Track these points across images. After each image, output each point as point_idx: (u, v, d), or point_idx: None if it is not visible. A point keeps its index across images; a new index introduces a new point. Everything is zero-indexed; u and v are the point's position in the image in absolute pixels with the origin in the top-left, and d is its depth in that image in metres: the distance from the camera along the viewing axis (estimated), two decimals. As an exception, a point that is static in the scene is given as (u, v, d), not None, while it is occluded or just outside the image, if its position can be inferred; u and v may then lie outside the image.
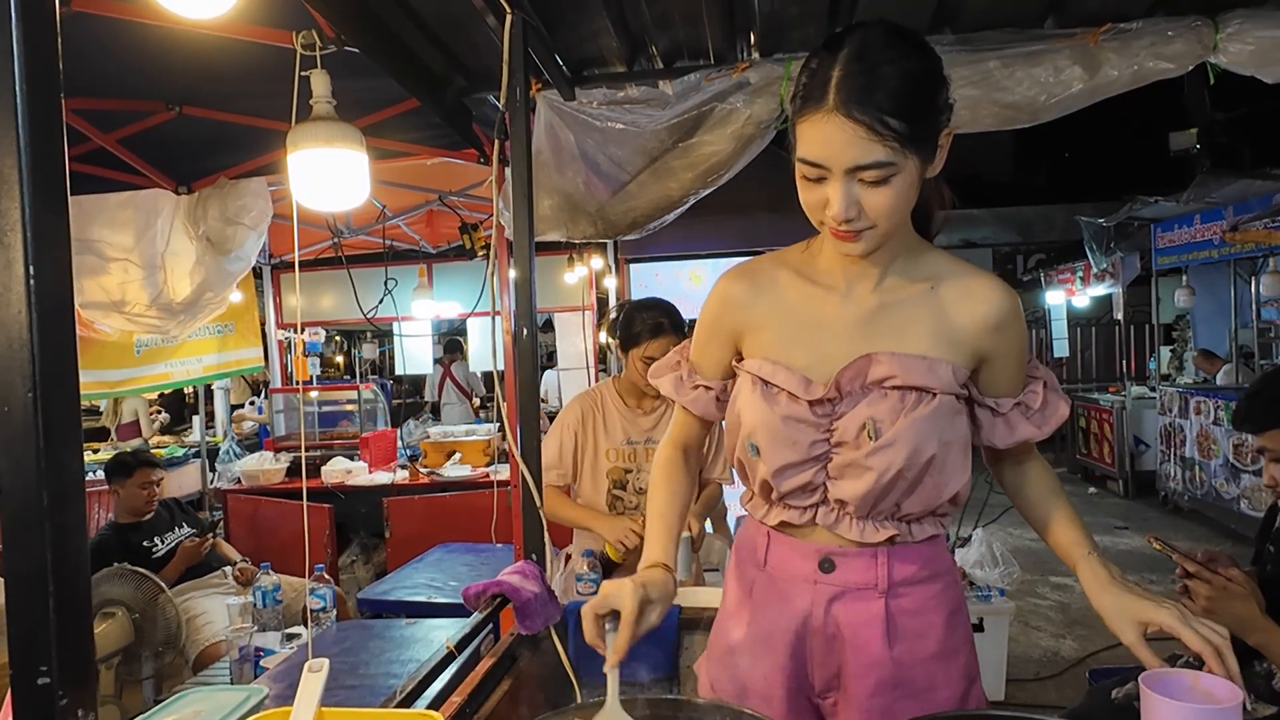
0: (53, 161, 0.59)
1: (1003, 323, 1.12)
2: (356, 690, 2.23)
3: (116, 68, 2.30)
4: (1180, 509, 6.79)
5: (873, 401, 1.08)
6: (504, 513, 2.55)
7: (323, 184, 1.85)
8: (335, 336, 12.58)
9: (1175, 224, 7.18)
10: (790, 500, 1.15)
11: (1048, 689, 3.64)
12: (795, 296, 1.16)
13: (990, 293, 1.12)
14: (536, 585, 1.67)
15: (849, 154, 0.94)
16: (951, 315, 1.11)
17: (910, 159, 0.96)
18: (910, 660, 1.14)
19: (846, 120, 0.93)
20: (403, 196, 4.81)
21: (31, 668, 0.58)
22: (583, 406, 2.49)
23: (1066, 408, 1.17)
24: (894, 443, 1.06)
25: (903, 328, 1.10)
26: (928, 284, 1.12)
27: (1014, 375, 1.16)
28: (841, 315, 1.12)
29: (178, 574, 3.45)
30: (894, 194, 0.97)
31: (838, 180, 0.97)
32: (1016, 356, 1.15)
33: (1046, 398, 1.15)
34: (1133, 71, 1.94)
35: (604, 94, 2.31)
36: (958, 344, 1.10)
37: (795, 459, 1.11)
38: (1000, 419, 1.15)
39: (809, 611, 1.16)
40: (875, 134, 0.93)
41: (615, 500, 2.43)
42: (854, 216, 0.98)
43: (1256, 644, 1.54)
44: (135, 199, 3.24)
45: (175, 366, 4.84)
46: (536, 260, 1.95)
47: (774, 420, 1.11)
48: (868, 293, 1.12)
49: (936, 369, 1.08)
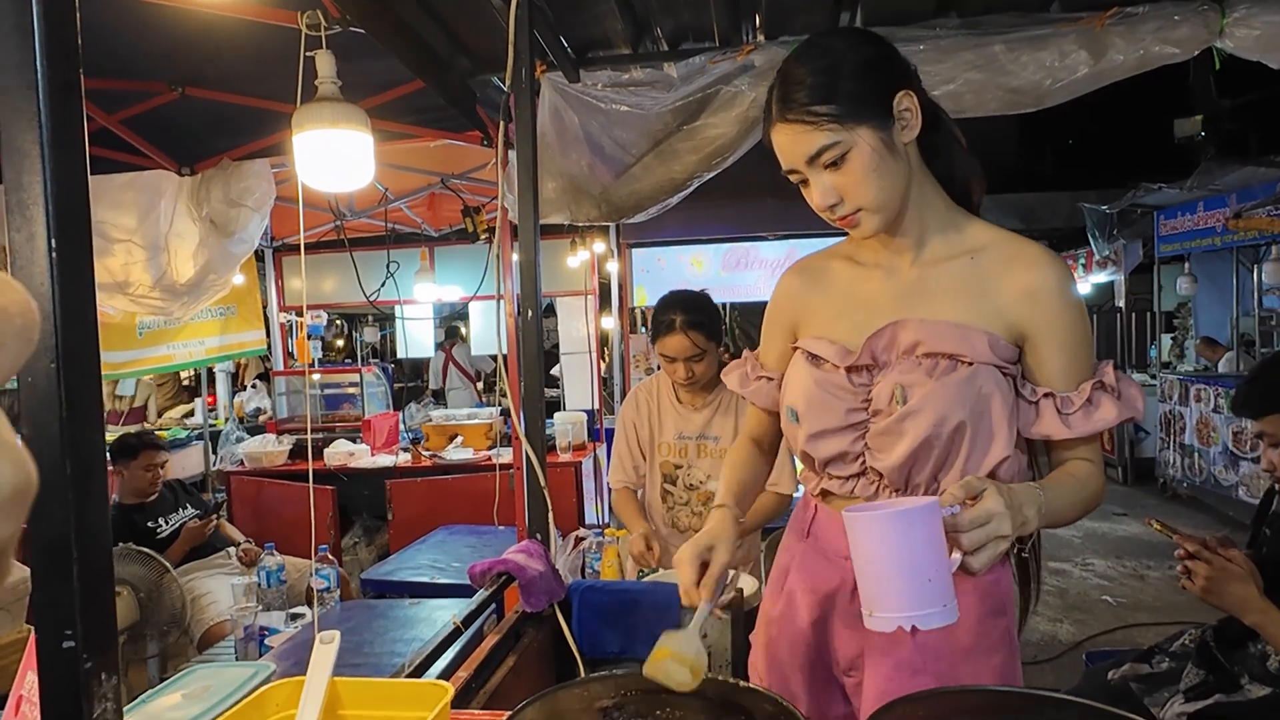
0: (73, 136, 0.60)
1: (1040, 291, 1.07)
2: (361, 668, 2.25)
3: (120, 48, 2.30)
4: (1179, 496, 6.82)
5: (906, 369, 1.09)
6: (506, 495, 2.56)
7: (328, 165, 1.85)
8: (336, 320, 12.57)
9: (1178, 211, 7.16)
10: (832, 470, 1.17)
11: (1045, 672, 3.67)
12: (844, 280, 1.21)
13: (1033, 259, 1.09)
14: (541, 564, 1.69)
15: (798, 150, 1.06)
16: (993, 284, 1.09)
17: (856, 131, 1.03)
18: (938, 650, 1.12)
19: (785, 125, 1.06)
20: (405, 179, 4.80)
21: (57, 632, 0.60)
22: (638, 399, 2.47)
23: (1115, 414, 1.06)
24: (921, 409, 1.06)
25: (939, 297, 1.11)
26: (968, 255, 1.12)
27: (1059, 363, 1.08)
28: (885, 290, 1.16)
29: (182, 554, 3.48)
30: (859, 168, 1.04)
31: (810, 176, 1.08)
32: (1061, 339, 1.08)
33: (1093, 397, 1.07)
34: (1138, 56, 1.93)
35: (608, 76, 2.31)
36: (997, 314, 1.08)
37: (831, 425, 1.13)
38: (1030, 407, 1.09)
39: (838, 588, 1.18)
40: (807, 124, 1.04)
41: (666, 494, 2.42)
42: (835, 202, 1.07)
43: (1254, 624, 1.56)
44: (138, 180, 3.23)
45: (178, 348, 4.84)
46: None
47: (810, 385, 1.15)
48: (908, 266, 1.15)
49: (970, 337, 1.07)
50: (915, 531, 0.86)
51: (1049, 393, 1.08)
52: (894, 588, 0.87)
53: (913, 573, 0.86)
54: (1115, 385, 1.08)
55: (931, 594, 0.86)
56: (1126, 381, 1.09)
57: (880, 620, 0.88)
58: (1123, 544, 5.59)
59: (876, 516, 0.88)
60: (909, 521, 0.86)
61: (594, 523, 4.71)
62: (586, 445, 5.02)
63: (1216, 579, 1.56)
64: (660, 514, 2.42)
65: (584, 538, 2.54)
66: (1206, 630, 1.80)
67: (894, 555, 0.87)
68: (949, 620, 0.87)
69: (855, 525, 0.89)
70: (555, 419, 5.06)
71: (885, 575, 0.87)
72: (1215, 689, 1.69)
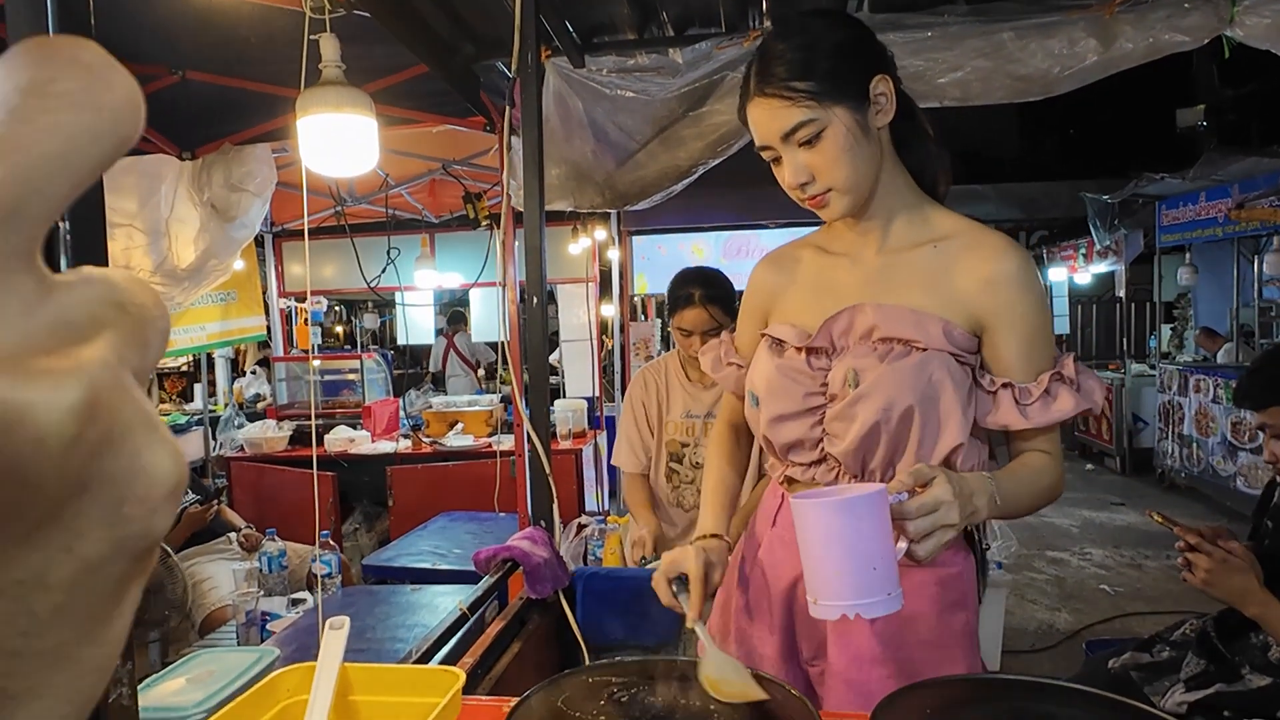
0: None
1: (999, 279, 1.07)
2: (364, 654, 2.26)
3: (120, 30, 2.27)
4: (1176, 486, 6.84)
5: (860, 354, 1.10)
6: (507, 482, 2.57)
7: (332, 150, 1.84)
8: (335, 306, 12.55)
9: (1180, 201, 7.15)
10: (793, 456, 1.18)
11: (1042, 661, 3.69)
12: (812, 268, 1.22)
13: (995, 248, 1.09)
14: (546, 551, 1.69)
15: (775, 125, 1.07)
16: (954, 272, 1.10)
17: (833, 110, 1.04)
18: (898, 641, 1.13)
19: (763, 99, 1.07)
20: (406, 165, 4.78)
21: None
22: (646, 379, 2.46)
23: (1072, 405, 1.05)
24: (870, 393, 1.07)
25: (901, 284, 1.12)
26: (932, 243, 1.13)
27: (1017, 352, 1.07)
28: (850, 277, 1.17)
29: (182, 540, 3.48)
30: (833, 147, 1.05)
31: (783, 154, 1.08)
32: (1019, 329, 1.07)
33: (1051, 389, 1.06)
34: (1148, 44, 1.92)
35: (614, 62, 2.29)
36: (956, 301, 1.09)
37: (789, 409, 1.14)
38: (988, 396, 1.09)
39: (800, 578, 1.18)
40: (786, 99, 1.04)
41: (672, 473, 2.42)
42: (806, 180, 1.08)
43: (1254, 616, 1.56)
44: (139, 164, 3.21)
45: (178, 334, 4.83)
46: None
47: (771, 370, 1.17)
48: (874, 254, 1.16)
49: (925, 323, 1.08)
50: (861, 519, 0.85)
51: (1007, 383, 1.08)
52: (839, 575, 0.86)
53: (858, 560, 0.85)
54: (1074, 378, 1.07)
55: (876, 582, 0.84)
56: (1087, 374, 1.09)
57: (824, 608, 0.87)
58: (1121, 534, 5.61)
59: (822, 504, 0.87)
60: (854, 508, 0.85)
61: (595, 510, 4.72)
62: (587, 432, 5.02)
63: (1217, 571, 1.57)
64: (665, 492, 2.43)
65: (586, 525, 2.54)
66: (1207, 620, 1.81)
67: (839, 542, 0.86)
68: (892, 609, 0.86)
69: (801, 512, 0.88)
70: (556, 406, 5.06)
71: (830, 562, 0.86)
72: (1216, 678, 1.69)
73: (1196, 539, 1.61)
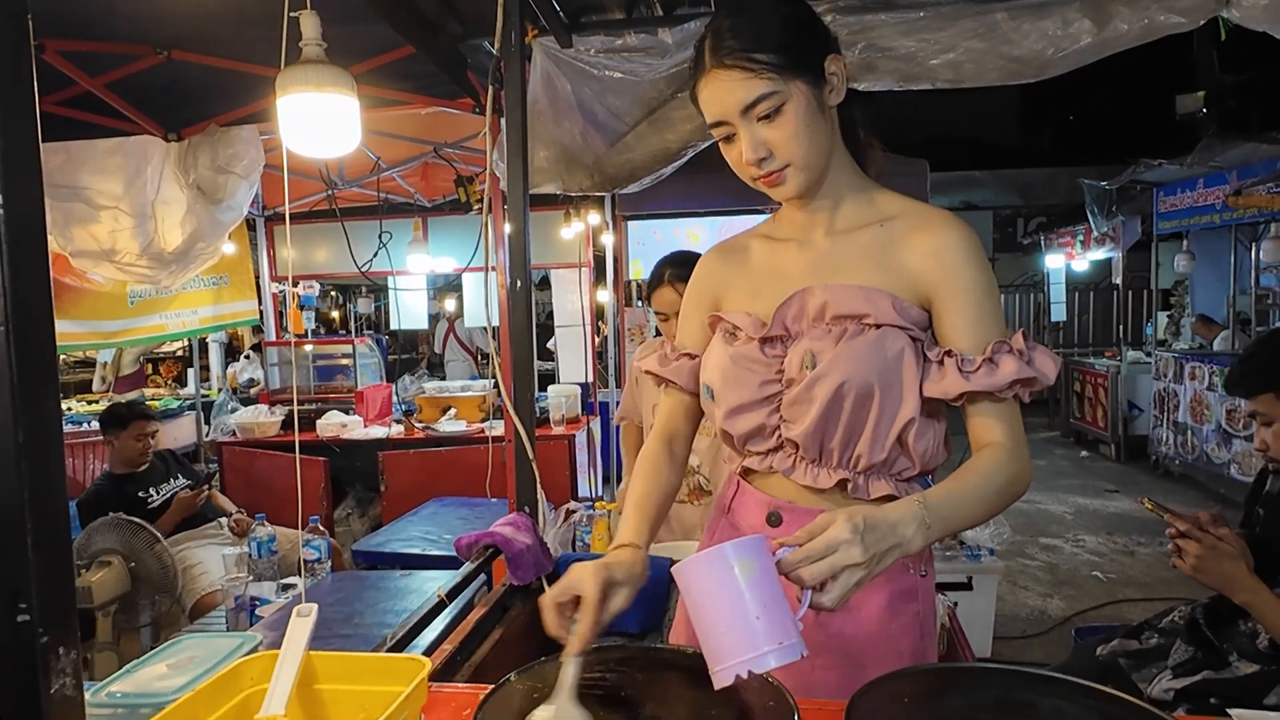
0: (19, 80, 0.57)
1: (944, 250, 1.07)
2: (351, 639, 2.25)
3: (103, 9, 2.24)
4: (1171, 473, 6.85)
5: (816, 336, 1.09)
6: (499, 467, 2.55)
7: (312, 130, 1.81)
8: (330, 291, 12.50)
9: (1178, 188, 7.12)
10: (751, 446, 1.16)
11: (1034, 647, 3.70)
12: (761, 255, 1.22)
13: (940, 223, 1.10)
14: (529, 537, 1.67)
15: (734, 98, 1.04)
16: (900, 249, 1.10)
17: (793, 84, 1.03)
18: (843, 631, 1.11)
19: (722, 71, 1.04)
20: (397, 148, 4.74)
21: (11, 606, 0.58)
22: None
23: (1014, 368, 1.02)
24: (828, 372, 1.06)
25: (848, 264, 1.12)
26: (879, 222, 1.13)
27: (964, 322, 1.06)
28: (798, 261, 1.17)
29: (173, 524, 3.48)
30: (793, 122, 1.04)
31: (741, 128, 1.06)
32: (964, 299, 1.06)
33: (995, 357, 1.04)
34: (1143, 25, 1.89)
35: (602, 42, 2.26)
36: (903, 276, 1.09)
37: (746, 399, 1.13)
38: (934, 366, 1.07)
39: None
40: (748, 70, 1.02)
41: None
42: (765, 156, 1.06)
43: (1243, 603, 1.55)
44: (124, 146, 3.18)
45: (170, 318, 4.81)
46: (532, 215, 1.92)
47: (725, 360, 1.15)
48: (822, 237, 1.16)
49: (874, 299, 1.07)
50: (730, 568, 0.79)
51: (951, 351, 1.06)
52: (723, 633, 0.80)
53: (737, 612, 0.79)
54: (1024, 349, 1.04)
55: (763, 632, 0.78)
56: (1039, 349, 1.06)
57: (720, 675, 0.80)
58: (1114, 520, 5.62)
59: (687, 561, 0.82)
60: (719, 558, 0.80)
61: (586, 496, 4.71)
62: (580, 418, 5.00)
63: (1207, 558, 1.56)
64: None
65: (574, 511, 2.53)
66: (1196, 607, 1.80)
67: (714, 598, 0.80)
68: (791, 658, 0.79)
69: (679, 576, 0.83)
70: (549, 391, 5.04)
71: (713, 621, 0.80)
72: (1204, 666, 1.69)
73: (1187, 525, 1.60)
